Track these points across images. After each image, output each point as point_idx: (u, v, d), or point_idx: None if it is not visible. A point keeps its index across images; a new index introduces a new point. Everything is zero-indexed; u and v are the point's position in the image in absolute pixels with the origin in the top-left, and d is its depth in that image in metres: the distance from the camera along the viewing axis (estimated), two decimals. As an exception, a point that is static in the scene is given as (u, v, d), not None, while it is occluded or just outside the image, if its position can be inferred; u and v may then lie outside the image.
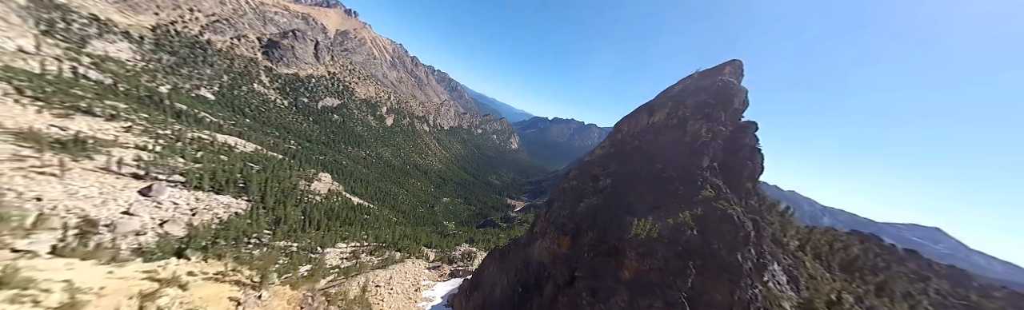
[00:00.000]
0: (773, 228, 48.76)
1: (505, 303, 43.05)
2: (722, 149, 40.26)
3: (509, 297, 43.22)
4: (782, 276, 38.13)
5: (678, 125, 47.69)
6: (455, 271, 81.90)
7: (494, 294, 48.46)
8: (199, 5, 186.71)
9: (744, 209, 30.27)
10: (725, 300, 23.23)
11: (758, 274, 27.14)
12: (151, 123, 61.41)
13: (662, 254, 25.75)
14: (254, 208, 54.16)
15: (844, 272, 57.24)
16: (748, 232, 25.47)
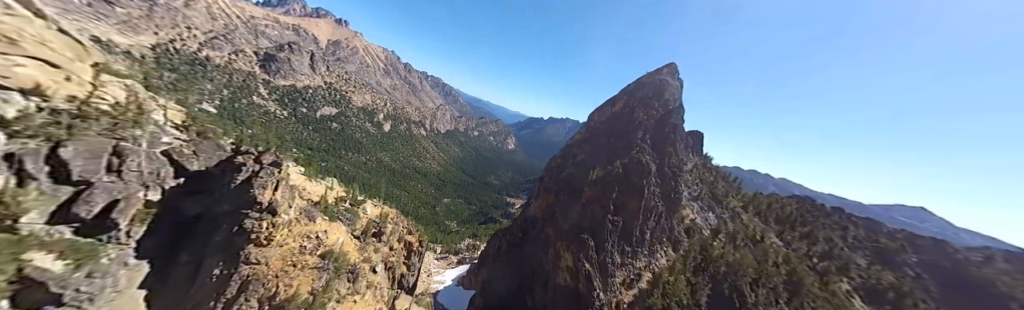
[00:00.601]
0: (715, 188, 64.26)
1: (512, 250, 56.97)
2: (653, 126, 55.92)
3: (514, 245, 57.33)
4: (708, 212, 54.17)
5: (629, 112, 63.32)
6: (462, 259, 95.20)
7: (499, 255, 62.00)
8: (192, 22, 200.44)
9: (653, 158, 45.59)
10: (636, 206, 38.60)
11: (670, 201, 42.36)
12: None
13: (601, 184, 41.06)
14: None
15: (779, 224, 73.17)
16: (650, 169, 40.71)
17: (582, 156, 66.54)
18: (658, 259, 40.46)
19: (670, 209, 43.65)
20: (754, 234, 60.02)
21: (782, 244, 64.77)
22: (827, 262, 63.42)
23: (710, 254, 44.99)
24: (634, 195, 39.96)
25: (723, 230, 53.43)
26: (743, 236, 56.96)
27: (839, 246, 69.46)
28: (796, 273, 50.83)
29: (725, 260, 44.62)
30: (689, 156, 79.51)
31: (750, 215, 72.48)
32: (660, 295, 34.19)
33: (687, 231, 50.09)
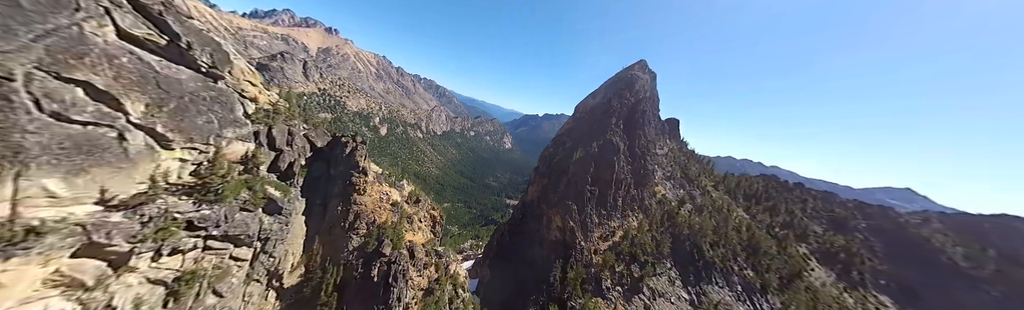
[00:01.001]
0: (688, 169, 75.44)
1: (514, 232, 67.45)
2: (626, 113, 67.16)
3: (515, 226, 67.79)
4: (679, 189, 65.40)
5: (606, 102, 74.68)
6: (466, 256, 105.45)
7: (503, 240, 72.14)
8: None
9: (623, 139, 56.81)
10: (609, 178, 49.80)
11: (639, 176, 53.55)
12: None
13: (581, 162, 52.21)
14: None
15: (746, 200, 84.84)
16: (619, 147, 51.94)
17: (570, 143, 77.72)
18: (630, 222, 51.69)
19: (639, 182, 54.99)
20: (720, 206, 71.38)
21: (748, 217, 76.32)
22: (787, 231, 75.10)
23: (676, 220, 56.25)
24: (607, 169, 51.14)
25: (689, 202, 64.83)
26: (710, 208, 68.38)
27: (799, 216, 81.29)
28: (755, 237, 62.40)
29: (688, 224, 55.87)
30: (665, 140, 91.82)
31: (720, 193, 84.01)
32: (628, 245, 45.27)
33: (658, 203, 61.44)
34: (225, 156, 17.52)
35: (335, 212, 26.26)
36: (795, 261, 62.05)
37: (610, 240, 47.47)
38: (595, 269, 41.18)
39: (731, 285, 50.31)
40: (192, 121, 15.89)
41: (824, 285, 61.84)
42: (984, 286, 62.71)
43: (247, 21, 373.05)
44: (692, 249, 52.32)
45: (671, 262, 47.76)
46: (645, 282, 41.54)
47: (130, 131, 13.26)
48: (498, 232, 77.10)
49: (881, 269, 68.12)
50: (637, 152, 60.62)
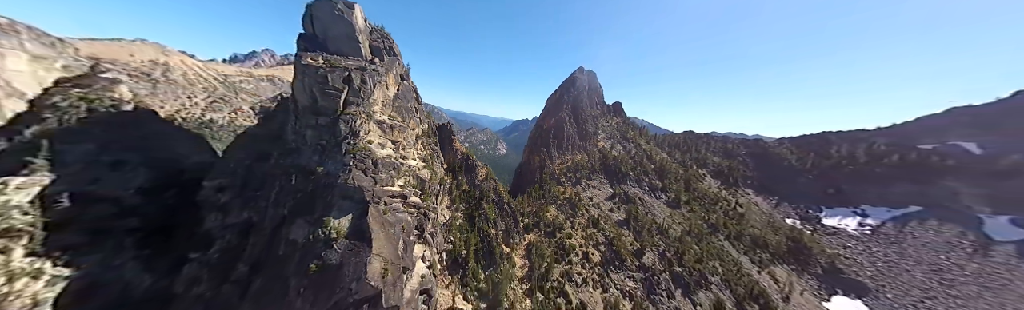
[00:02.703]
0: (626, 132, 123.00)
1: (522, 165, 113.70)
2: (571, 100, 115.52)
3: (521, 164, 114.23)
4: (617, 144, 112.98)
5: (560, 95, 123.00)
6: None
7: (520, 169, 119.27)
8: (192, 91, 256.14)
9: (571, 114, 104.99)
10: (560, 136, 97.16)
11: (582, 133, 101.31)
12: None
13: (554, 132, 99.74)
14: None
15: (670, 147, 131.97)
16: (564, 119, 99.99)
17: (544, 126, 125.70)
18: (575, 157, 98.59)
19: (582, 137, 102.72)
20: (644, 149, 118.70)
21: (667, 156, 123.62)
22: (692, 162, 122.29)
23: (608, 155, 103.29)
24: (560, 131, 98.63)
25: (621, 148, 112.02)
26: (634, 151, 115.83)
27: (703, 153, 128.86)
28: (665, 164, 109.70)
29: (616, 157, 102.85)
30: (611, 116, 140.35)
31: (651, 146, 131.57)
32: (573, 165, 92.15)
33: (599, 149, 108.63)
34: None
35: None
36: (690, 175, 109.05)
37: (565, 164, 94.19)
38: (557, 173, 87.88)
39: (641, 186, 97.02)
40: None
41: (710, 187, 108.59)
42: (806, 175, 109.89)
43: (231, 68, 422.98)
44: (615, 169, 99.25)
45: (602, 174, 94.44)
46: (582, 181, 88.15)
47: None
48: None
49: (751, 175, 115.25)
50: (580, 121, 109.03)
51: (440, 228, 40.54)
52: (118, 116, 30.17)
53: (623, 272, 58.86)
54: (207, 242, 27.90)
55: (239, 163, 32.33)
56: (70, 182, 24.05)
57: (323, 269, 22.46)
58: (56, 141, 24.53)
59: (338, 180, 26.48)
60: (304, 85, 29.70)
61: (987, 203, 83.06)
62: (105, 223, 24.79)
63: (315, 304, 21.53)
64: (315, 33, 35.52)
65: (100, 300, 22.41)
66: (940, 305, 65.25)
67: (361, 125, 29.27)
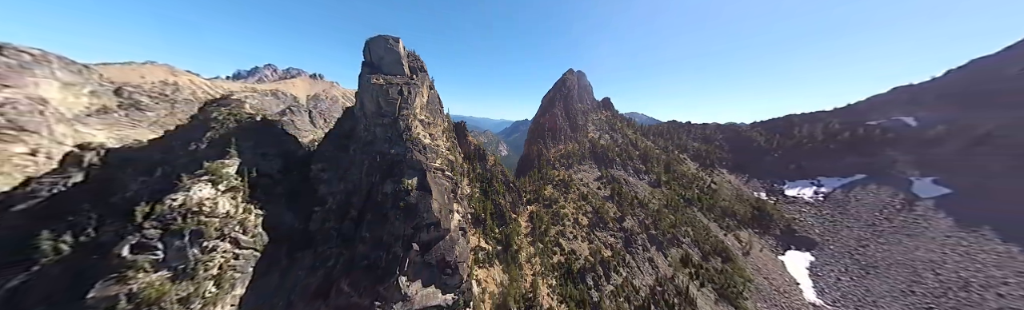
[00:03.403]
0: (614, 124, 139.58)
1: (524, 154, 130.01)
2: (563, 100, 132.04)
3: (525, 153, 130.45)
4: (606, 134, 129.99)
5: (555, 95, 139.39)
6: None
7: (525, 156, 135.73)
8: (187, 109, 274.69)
9: (563, 110, 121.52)
10: (554, 128, 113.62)
11: (573, 126, 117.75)
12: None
13: (549, 126, 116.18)
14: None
15: (657, 137, 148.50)
16: (557, 113, 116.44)
17: (540, 122, 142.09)
18: (567, 146, 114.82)
19: (573, 129, 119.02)
20: (630, 138, 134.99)
21: (651, 143, 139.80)
22: (674, 148, 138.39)
23: (597, 144, 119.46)
24: (555, 125, 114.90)
25: (609, 138, 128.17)
26: (620, 140, 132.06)
27: (684, 140, 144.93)
28: (649, 150, 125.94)
29: (603, 146, 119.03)
30: (601, 111, 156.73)
31: (636, 135, 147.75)
32: (565, 152, 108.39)
33: (589, 140, 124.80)
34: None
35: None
36: (671, 158, 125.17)
37: (558, 152, 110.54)
38: (552, 160, 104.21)
39: (626, 170, 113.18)
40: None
41: (689, 169, 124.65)
42: (772, 154, 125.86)
43: (236, 84, 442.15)
44: (603, 156, 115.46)
45: (591, 160, 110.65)
46: (573, 166, 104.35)
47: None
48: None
49: (726, 157, 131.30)
50: (570, 116, 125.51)
51: (464, 197, 56.76)
52: (253, 124, 46.47)
53: (606, 232, 75.18)
54: (322, 202, 44.39)
55: (330, 153, 48.81)
56: (247, 164, 40.52)
57: (407, 205, 38.90)
58: (236, 139, 40.89)
59: (404, 158, 42.94)
60: (372, 96, 46.11)
61: (917, 167, 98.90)
62: (268, 189, 41.18)
63: (406, 223, 38.00)
64: (372, 60, 52.12)
65: (279, 231, 38.85)
66: (870, 250, 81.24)
67: (411, 122, 45.55)
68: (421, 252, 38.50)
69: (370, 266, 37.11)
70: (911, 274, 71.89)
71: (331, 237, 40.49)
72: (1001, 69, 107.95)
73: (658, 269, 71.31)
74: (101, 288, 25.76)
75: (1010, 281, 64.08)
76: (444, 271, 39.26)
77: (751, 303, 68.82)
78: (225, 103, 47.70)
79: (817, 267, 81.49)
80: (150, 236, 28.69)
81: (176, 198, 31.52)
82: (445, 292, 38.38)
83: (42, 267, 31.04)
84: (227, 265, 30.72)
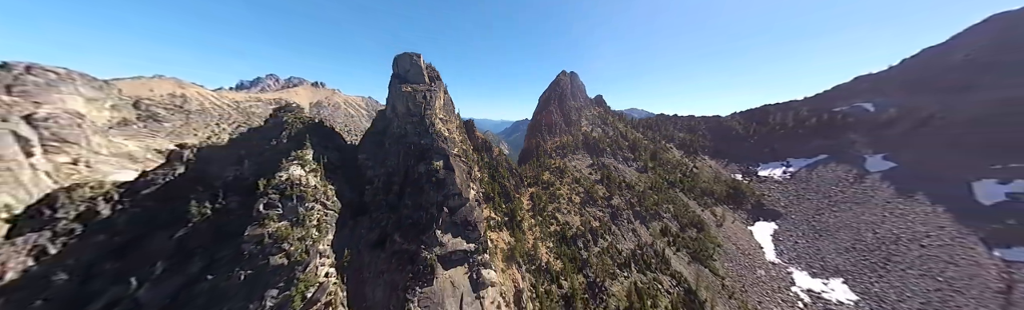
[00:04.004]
0: (606, 119, 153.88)
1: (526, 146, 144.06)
2: (558, 98, 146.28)
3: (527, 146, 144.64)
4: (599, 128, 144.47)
5: (550, 94, 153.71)
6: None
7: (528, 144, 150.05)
8: (220, 118, 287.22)
9: (558, 107, 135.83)
10: (550, 123, 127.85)
11: (567, 121, 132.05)
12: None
13: (545, 122, 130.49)
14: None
15: (647, 129, 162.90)
16: (552, 110, 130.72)
17: (538, 118, 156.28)
18: (562, 139, 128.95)
19: (567, 124, 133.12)
20: (621, 131, 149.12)
21: (641, 135, 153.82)
22: (661, 138, 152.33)
23: (590, 137, 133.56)
24: (551, 120, 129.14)
25: (602, 131, 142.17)
26: (611, 132, 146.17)
27: (671, 131, 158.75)
28: (638, 141, 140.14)
29: (595, 138, 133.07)
30: (593, 107, 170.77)
31: (627, 128, 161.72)
32: (561, 144, 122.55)
33: (583, 133, 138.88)
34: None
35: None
36: (657, 148, 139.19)
37: (554, 144, 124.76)
38: (549, 150, 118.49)
39: (616, 158, 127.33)
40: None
41: (674, 156, 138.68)
42: (749, 140, 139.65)
43: (240, 94, 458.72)
44: (595, 146, 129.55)
45: (584, 150, 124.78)
46: (568, 155, 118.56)
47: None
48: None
49: (708, 144, 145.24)
50: (565, 112, 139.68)
51: (476, 179, 71.02)
52: (313, 125, 60.89)
53: (595, 208, 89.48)
54: (370, 181, 58.89)
55: (370, 146, 63.36)
56: (317, 154, 55.06)
57: (437, 180, 53.35)
58: (309, 136, 55.49)
59: (432, 146, 57.36)
60: (403, 101, 60.54)
61: (871, 147, 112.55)
62: (332, 172, 55.65)
63: (437, 193, 52.47)
64: (399, 72, 66.64)
65: (343, 201, 53.28)
66: (824, 217, 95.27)
67: (433, 120, 59.84)
68: (449, 214, 52.92)
69: (413, 224, 51.56)
70: (855, 234, 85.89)
71: (381, 206, 54.94)
72: (947, 57, 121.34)
73: (640, 237, 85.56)
74: (251, 230, 40.17)
75: (931, 234, 78.06)
76: (466, 228, 53.64)
77: (719, 263, 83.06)
78: (290, 109, 62.27)
79: (779, 234, 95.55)
80: (273, 199, 43.20)
81: (282, 175, 46.04)
82: (468, 242, 52.70)
83: (194, 224, 45.56)
84: (322, 219, 45.03)
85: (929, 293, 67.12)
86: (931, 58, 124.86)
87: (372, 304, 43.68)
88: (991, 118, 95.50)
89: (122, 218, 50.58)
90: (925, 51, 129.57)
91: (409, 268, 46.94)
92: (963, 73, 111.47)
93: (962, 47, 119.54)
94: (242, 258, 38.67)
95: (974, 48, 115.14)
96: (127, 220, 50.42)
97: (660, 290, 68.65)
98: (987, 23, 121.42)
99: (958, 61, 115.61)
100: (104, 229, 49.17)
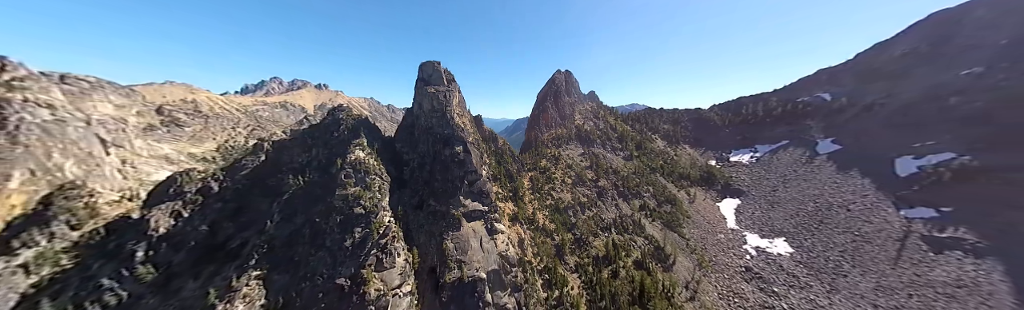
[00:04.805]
0: (598, 113, 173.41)
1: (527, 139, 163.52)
2: (553, 95, 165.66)
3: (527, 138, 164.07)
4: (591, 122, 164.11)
5: (547, 91, 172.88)
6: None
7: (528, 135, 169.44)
8: (237, 123, 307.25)
9: (554, 103, 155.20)
10: (547, 119, 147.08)
11: (562, 115, 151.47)
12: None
13: (542, 116, 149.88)
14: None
15: (635, 122, 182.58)
16: (548, 106, 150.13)
17: (536, 113, 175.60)
18: (557, 131, 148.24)
19: (562, 118, 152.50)
20: (610, 123, 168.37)
21: (629, 128, 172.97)
22: (647, 129, 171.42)
23: (582, 129, 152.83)
24: (547, 115, 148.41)
25: (594, 125, 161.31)
26: (601, 124, 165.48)
27: (656, 123, 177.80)
28: (625, 132, 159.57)
29: (586, 130, 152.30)
30: (586, 102, 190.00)
31: (617, 121, 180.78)
32: (556, 135, 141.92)
33: (576, 125, 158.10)
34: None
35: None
36: (643, 138, 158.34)
37: (550, 136, 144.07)
38: (545, 141, 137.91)
39: (605, 148, 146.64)
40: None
41: (658, 146, 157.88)
42: (724, 130, 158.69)
43: (247, 98, 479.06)
44: (586, 137, 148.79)
45: (576, 141, 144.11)
46: (562, 145, 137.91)
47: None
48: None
49: (689, 135, 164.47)
50: (560, 107, 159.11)
51: (485, 163, 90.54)
52: (362, 121, 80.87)
53: (584, 187, 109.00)
54: (407, 164, 78.51)
55: (404, 136, 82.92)
56: (369, 142, 74.68)
57: (459, 160, 73.07)
58: (363, 128, 75.03)
59: (453, 135, 76.94)
60: (429, 99, 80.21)
61: (823, 132, 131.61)
62: (380, 157, 75.25)
63: (459, 170, 72.29)
64: (424, 77, 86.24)
65: (391, 177, 72.92)
66: (778, 193, 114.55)
67: (453, 115, 79.30)
68: (469, 185, 72.58)
69: (443, 192, 71.25)
70: (799, 204, 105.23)
71: (417, 180, 74.70)
72: (891, 49, 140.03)
73: (621, 210, 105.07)
74: (339, 191, 59.85)
75: (856, 201, 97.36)
76: (481, 196, 73.28)
77: (686, 230, 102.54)
78: (343, 109, 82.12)
79: (741, 207, 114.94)
80: (348, 172, 62.86)
81: (349, 156, 65.72)
82: (483, 205, 72.37)
83: (292, 190, 65.18)
84: (380, 186, 64.64)
85: (846, 244, 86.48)
86: (879, 51, 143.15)
87: (419, 244, 63.38)
88: (919, 103, 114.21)
89: (229, 191, 70.62)
90: (876, 45, 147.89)
91: (442, 222, 66.66)
92: (902, 64, 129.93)
93: (905, 41, 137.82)
94: (334, 209, 58.42)
95: (913, 41, 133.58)
96: (233, 193, 70.44)
97: (633, 246, 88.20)
98: (927, 20, 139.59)
99: (899, 53, 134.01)
100: (218, 199, 69.14)
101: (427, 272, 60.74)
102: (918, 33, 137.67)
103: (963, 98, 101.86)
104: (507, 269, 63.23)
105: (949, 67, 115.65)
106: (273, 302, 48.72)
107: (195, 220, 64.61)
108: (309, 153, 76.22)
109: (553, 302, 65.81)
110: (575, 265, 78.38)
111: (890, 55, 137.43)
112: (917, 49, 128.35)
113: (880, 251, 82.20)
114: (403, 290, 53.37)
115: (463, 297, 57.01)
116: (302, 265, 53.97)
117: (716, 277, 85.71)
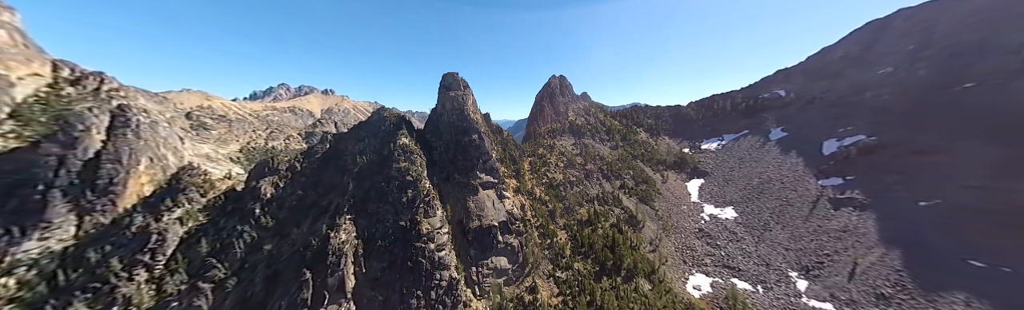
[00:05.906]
0: (590, 111, 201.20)
1: (528, 132, 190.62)
2: (549, 96, 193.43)
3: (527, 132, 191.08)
4: (583, 118, 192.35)
5: (545, 92, 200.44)
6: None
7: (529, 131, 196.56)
8: (255, 126, 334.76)
9: (549, 102, 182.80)
10: (546, 116, 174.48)
11: (557, 113, 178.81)
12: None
13: (540, 114, 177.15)
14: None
15: (622, 117, 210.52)
16: (544, 104, 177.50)
17: (534, 112, 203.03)
18: (552, 125, 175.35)
19: (556, 115, 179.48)
20: (600, 119, 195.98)
21: (618, 123, 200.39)
22: (632, 124, 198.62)
23: (575, 124, 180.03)
24: (541, 113, 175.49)
25: (586, 121, 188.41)
26: (591, 120, 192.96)
27: (641, 118, 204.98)
28: (613, 126, 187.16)
29: (578, 125, 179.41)
30: (580, 101, 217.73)
31: (607, 117, 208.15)
32: (551, 128, 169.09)
33: (570, 121, 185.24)
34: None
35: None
36: (628, 131, 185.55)
37: (546, 130, 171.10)
38: (542, 134, 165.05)
39: (594, 139, 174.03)
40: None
41: (641, 137, 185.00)
42: (698, 123, 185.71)
43: (257, 104, 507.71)
44: (578, 131, 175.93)
45: (569, 134, 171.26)
46: (556, 137, 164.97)
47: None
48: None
49: (668, 128, 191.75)
50: (555, 106, 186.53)
51: (494, 149, 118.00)
52: (401, 119, 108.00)
53: (574, 170, 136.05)
54: (435, 148, 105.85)
55: (431, 128, 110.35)
56: (409, 133, 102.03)
57: (475, 145, 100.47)
58: (404, 124, 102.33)
59: (470, 127, 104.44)
60: (451, 101, 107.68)
61: (776, 122, 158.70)
62: (418, 143, 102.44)
63: (476, 153, 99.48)
64: (445, 84, 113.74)
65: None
66: (734, 172, 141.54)
67: (469, 112, 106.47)
68: (483, 163, 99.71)
69: (465, 168, 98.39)
70: (746, 181, 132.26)
71: (445, 161, 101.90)
72: (833, 52, 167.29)
73: (604, 188, 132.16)
74: (394, 165, 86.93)
75: (788, 175, 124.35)
76: (493, 172, 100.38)
77: (657, 203, 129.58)
78: (384, 110, 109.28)
79: (704, 186, 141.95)
80: (397, 152, 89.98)
81: (398, 142, 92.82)
82: (494, 178, 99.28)
83: (360, 166, 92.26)
84: (420, 162, 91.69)
85: (775, 208, 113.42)
86: (824, 54, 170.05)
87: (450, 205, 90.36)
88: (846, 97, 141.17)
89: (308, 169, 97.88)
90: (824, 49, 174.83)
91: (465, 190, 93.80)
92: (840, 65, 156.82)
93: (843, 45, 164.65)
94: (392, 178, 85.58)
95: (849, 45, 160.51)
96: (311, 171, 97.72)
97: (611, 214, 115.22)
98: (863, 27, 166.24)
99: (838, 56, 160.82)
100: (301, 174, 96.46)
101: (456, 223, 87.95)
102: (855, 38, 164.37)
103: (874, 92, 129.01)
104: (512, 221, 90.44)
105: (871, 67, 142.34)
106: (361, 234, 75.73)
107: (288, 188, 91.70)
108: (363, 142, 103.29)
109: (545, 245, 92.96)
110: (564, 225, 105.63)
111: (832, 57, 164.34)
112: (850, 53, 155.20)
113: (798, 211, 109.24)
114: (443, 230, 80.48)
115: (483, 237, 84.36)
116: (375, 214, 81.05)
117: (675, 237, 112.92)
